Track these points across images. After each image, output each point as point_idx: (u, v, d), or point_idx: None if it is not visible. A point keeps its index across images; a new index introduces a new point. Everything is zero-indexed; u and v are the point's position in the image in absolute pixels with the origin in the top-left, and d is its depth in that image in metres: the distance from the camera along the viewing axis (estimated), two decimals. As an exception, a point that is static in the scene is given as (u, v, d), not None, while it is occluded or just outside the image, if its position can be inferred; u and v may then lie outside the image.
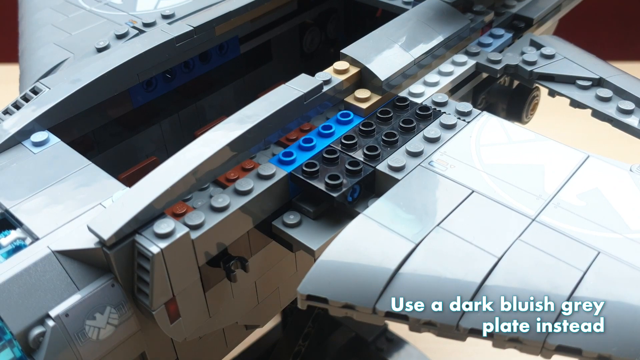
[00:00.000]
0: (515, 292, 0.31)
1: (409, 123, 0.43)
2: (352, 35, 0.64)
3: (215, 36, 0.57)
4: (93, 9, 0.63)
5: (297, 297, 0.33)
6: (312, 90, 0.43)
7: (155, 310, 0.35)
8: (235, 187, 0.38)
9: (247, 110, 0.41)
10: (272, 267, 0.45)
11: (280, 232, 0.40)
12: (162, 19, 0.58)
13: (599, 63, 0.50)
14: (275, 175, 0.39)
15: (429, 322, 0.31)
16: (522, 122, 0.59)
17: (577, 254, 0.33)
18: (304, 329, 0.76)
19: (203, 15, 0.56)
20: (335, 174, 0.39)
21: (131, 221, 0.34)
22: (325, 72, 0.46)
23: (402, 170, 0.39)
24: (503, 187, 0.37)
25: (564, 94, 0.49)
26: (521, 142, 0.41)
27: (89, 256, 0.34)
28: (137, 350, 0.37)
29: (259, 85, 0.68)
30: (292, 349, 0.76)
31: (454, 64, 0.50)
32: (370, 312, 0.32)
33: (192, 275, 0.37)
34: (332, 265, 0.33)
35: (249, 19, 0.60)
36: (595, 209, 0.36)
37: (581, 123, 0.58)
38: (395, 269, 0.32)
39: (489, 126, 0.43)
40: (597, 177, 0.38)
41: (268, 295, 0.47)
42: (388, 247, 0.33)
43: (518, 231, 0.34)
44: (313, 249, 0.38)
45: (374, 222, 0.35)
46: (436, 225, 0.35)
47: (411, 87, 0.47)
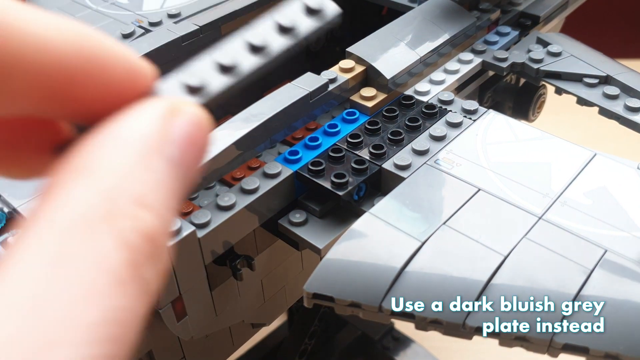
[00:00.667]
0: (520, 291, 0.31)
1: (415, 121, 0.43)
2: (358, 34, 0.64)
3: (221, 35, 0.57)
4: (100, 8, 0.63)
5: (304, 295, 0.33)
6: (317, 89, 0.43)
7: (162, 309, 0.35)
8: (241, 186, 0.38)
9: (253, 109, 0.41)
10: (278, 266, 0.46)
11: (286, 230, 0.40)
12: (168, 18, 0.58)
13: (606, 60, 0.50)
14: (281, 174, 0.39)
15: (436, 320, 0.31)
16: (529, 120, 0.59)
17: (584, 252, 0.33)
18: (310, 328, 0.76)
19: (209, 14, 0.56)
20: (341, 173, 0.39)
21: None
22: (331, 70, 0.46)
23: (408, 168, 0.39)
24: (509, 186, 0.37)
25: (571, 92, 0.48)
26: (528, 140, 0.41)
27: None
28: (144, 348, 0.37)
29: (264, 83, 0.68)
30: (298, 347, 0.76)
31: (460, 62, 0.50)
32: (376, 310, 0.32)
33: (198, 274, 0.37)
34: (338, 263, 0.33)
35: (254, 17, 0.60)
36: (602, 207, 0.35)
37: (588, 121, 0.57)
38: (401, 268, 0.32)
39: (495, 124, 0.43)
40: (604, 175, 0.38)
41: (274, 293, 0.47)
42: (394, 245, 0.33)
43: (525, 229, 0.34)
44: (319, 247, 0.38)
45: (380, 220, 0.35)
46: (442, 224, 0.35)
47: (417, 86, 0.47)
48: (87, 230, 0.17)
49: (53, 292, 0.16)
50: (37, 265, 0.16)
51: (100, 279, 0.16)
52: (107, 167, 0.18)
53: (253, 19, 0.24)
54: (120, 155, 0.18)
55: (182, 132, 0.20)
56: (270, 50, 0.24)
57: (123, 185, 0.18)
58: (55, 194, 0.18)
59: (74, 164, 0.18)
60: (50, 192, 0.18)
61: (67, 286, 0.16)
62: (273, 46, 0.24)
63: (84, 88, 0.19)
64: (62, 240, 0.17)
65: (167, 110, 0.20)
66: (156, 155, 0.19)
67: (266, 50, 0.24)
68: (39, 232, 0.17)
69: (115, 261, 0.17)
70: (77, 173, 0.18)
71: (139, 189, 0.18)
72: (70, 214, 0.17)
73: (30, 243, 0.17)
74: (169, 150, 0.19)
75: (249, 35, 0.24)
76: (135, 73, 0.20)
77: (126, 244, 0.17)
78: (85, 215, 0.17)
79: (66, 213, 0.17)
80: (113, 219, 0.17)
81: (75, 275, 0.16)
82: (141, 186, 0.18)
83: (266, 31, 0.24)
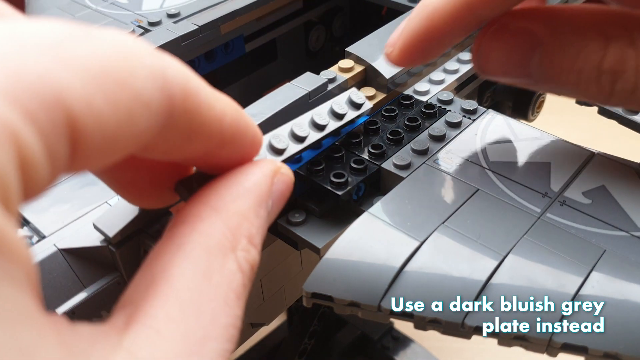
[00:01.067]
0: (520, 291, 0.31)
1: (414, 121, 0.43)
2: (358, 34, 0.64)
3: (220, 35, 0.57)
4: (99, 8, 0.63)
5: (303, 294, 0.33)
6: (317, 89, 0.43)
7: (161, 308, 0.35)
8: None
9: (252, 109, 0.41)
10: (278, 265, 0.46)
11: (285, 230, 0.40)
12: (168, 18, 0.58)
13: (605, 60, 0.50)
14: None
15: (434, 320, 0.31)
16: (528, 120, 0.59)
17: (583, 252, 0.33)
18: (309, 328, 0.76)
19: (208, 14, 0.57)
20: (340, 172, 0.39)
21: (136, 219, 0.34)
22: (330, 70, 0.46)
23: (408, 168, 0.39)
24: (509, 185, 0.37)
25: (570, 92, 0.48)
26: (527, 140, 0.41)
27: (95, 254, 0.34)
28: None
29: (264, 83, 0.68)
30: (298, 347, 0.76)
31: (460, 61, 0.50)
32: (375, 310, 0.32)
33: (197, 274, 0.37)
34: (337, 263, 0.33)
35: (254, 17, 0.60)
36: (601, 207, 0.35)
37: (588, 121, 0.57)
38: (400, 267, 0.32)
39: (495, 124, 0.43)
40: (604, 175, 0.38)
41: (274, 293, 0.47)
42: (393, 245, 0.33)
43: (524, 229, 0.34)
44: (318, 247, 0.38)
45: (379, 220, 0.35)
46: (441, 224, 0.35)
47: (416, 85, 0.47)
48: (221, 255, 0.23)
49: (206, 297, 0.22)
50: (192, 274, 0.22)
51: (230, 293, 0.22)
52: (234, 210, 0.25)
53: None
54: (242, 202, 0.25)
55: (278, 190, 0.27)
56: (327, 128, 0.38)
57: (243, 225, 0.24)
58: (197, 224, 0.24)
59: (210, 202, 0.25)
60: (190, 221, 0.24)
61: (214, 296, 0.22)
62: (329, 126, 0.38)
63: (228, 149, 0.26)
64: (207, 259, 0.23)
65: (272, 171, 0.27)
66: (263, 205, 0.26)
67: (325, 127, 0.37)
68: (189, 249, 0.23)
69: (239, 281, 0.23)
70: (213, 210, 0.24)
71: (251, 229, 0.25)
72: (211, 240, 0.23)
73: (183, 256, 0.23)
74: (269, 203, 0.26)
75: (315, 115, 0.37)
76: (256, 141, 0.27)
77: (242, 270, 0.23)
78: (221, 244, 0.23)
79: (208, 239, 0.23)
80: (235, 249, 0.24)
81: (217, 288, 0.22)
82: (252, 228, 0.25)
83: (325, 113, 0.38)
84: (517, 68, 0.34)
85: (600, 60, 0.30)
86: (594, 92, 0.32)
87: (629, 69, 0.30)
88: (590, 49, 0.31)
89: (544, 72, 0.33)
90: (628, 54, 0.30)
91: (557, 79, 0.32)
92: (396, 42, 0.36)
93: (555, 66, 0.32)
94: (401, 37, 0.35)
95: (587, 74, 0.31)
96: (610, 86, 0.31)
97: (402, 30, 0.35)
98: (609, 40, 0.30)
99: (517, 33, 0.33)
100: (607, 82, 0.31)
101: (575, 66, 0.31)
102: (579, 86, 0.32)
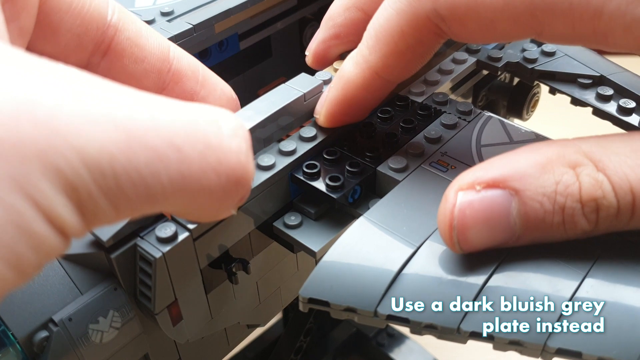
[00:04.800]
0: (515, 293, 0.31)
1: (410, 123, 0.43)
2: (352, 32, 0.64)
3: (214, 34, 0.56)
4: (92, 6, 0.62)
5: (299, 300, 0.33)
6: (312, 90, 0.43)
7: (158, 314, 0.35)
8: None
9: (247, 110, 0.41)
10: (274, 268, 0.46)
11: (281, 233, 0.40)
12: (161, 16, 0.58)
13: (600, 60, 0.50)
14: (275, 166, 0.39)
15: (430, 325, 0.31)
16: (523, 119, 0.59)
17: (577, 256, 0.33)
18: (305, 325, 0.76)
19: (202, 12, 0.56)
20: (336, 175, 0.39)
21: (130, 223, 0.34)
22: (325, 71, 0.46)
23: (403, 171, 0.39)
24: (504, 188, 0.37)
25: (565, 92, 0.48)
26: (522, 142, 0.41)
27: (92, 260, 0.34)
28: (140, 352, 0.37)
29: (259, 81, 0.67)
30: (293, 344, 0.76)
31: (455, 62, 0.50)
32: (372, 315, 0.32)
33: (194, 278, 0.37)
34: (333, 269, 0.33)
35: (248, 15, 0.59)
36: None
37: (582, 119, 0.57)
38: (396, 272, 0.33)
39: (490, 126, 0.43)
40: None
41: (269, 295, 0.47)
42: (389, 250, 0.34)
43: (519, 233, 0.34)
44: (314, 250, 0.38)
45: (375, 224, 0.35)
46: (437, 228, 0.35)
47: (411, 86, 0.47)
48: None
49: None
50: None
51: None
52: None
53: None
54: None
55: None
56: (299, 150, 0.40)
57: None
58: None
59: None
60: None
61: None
62: (299, 148, 0.40)
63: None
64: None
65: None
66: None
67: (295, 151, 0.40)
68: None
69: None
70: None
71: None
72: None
73: None
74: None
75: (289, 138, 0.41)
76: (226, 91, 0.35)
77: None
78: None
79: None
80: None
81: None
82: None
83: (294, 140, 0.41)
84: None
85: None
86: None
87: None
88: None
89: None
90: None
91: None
92: (321, 111, 0.41)
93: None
94: (324, 107, 0.40)
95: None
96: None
97: (324, 99, 0.41)
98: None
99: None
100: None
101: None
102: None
